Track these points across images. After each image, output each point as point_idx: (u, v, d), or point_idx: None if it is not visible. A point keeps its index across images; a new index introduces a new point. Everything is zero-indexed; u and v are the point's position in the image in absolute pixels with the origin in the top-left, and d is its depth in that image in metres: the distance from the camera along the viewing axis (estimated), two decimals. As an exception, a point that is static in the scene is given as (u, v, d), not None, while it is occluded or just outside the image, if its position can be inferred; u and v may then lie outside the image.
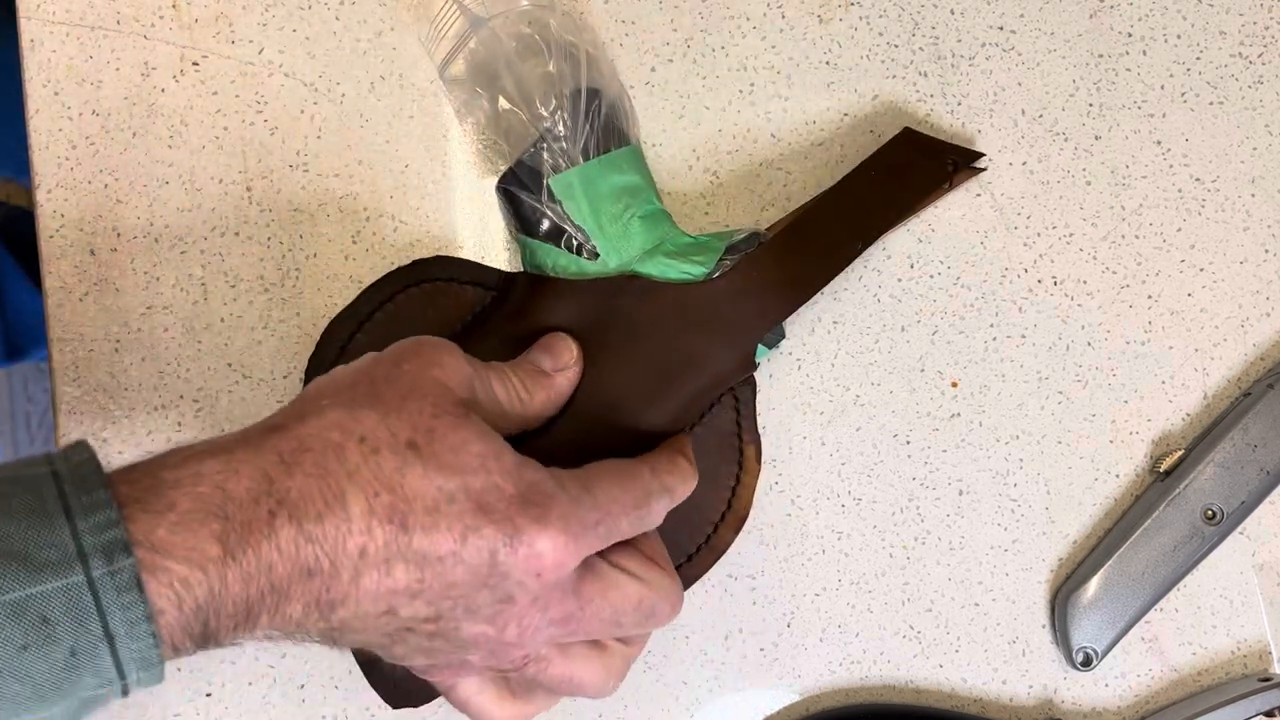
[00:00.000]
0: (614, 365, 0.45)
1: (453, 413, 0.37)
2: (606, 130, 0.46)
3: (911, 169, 0.49)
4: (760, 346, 0.47)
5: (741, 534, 0.49)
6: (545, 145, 0.45)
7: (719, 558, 0.48)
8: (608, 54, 0.49)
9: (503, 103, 0.46)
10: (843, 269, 0.48)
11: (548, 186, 0.45)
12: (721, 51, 0.51)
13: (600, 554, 0.39)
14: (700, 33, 0.51)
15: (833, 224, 0.48)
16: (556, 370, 0.43)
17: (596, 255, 0.46)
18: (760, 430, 0.48)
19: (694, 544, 0.47)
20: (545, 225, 0.45)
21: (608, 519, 0.38)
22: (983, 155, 0.50)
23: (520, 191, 0.46)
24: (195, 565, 0.33)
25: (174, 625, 0.33)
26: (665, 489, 0.41)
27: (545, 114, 0.45)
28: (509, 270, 0.49)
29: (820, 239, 0.48)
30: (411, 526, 0.35)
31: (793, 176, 0.50)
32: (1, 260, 0.96)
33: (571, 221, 0.45)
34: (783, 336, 0.48)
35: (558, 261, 0.46)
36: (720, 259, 0.46)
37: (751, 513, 0.48)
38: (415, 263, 0.48)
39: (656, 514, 0.41)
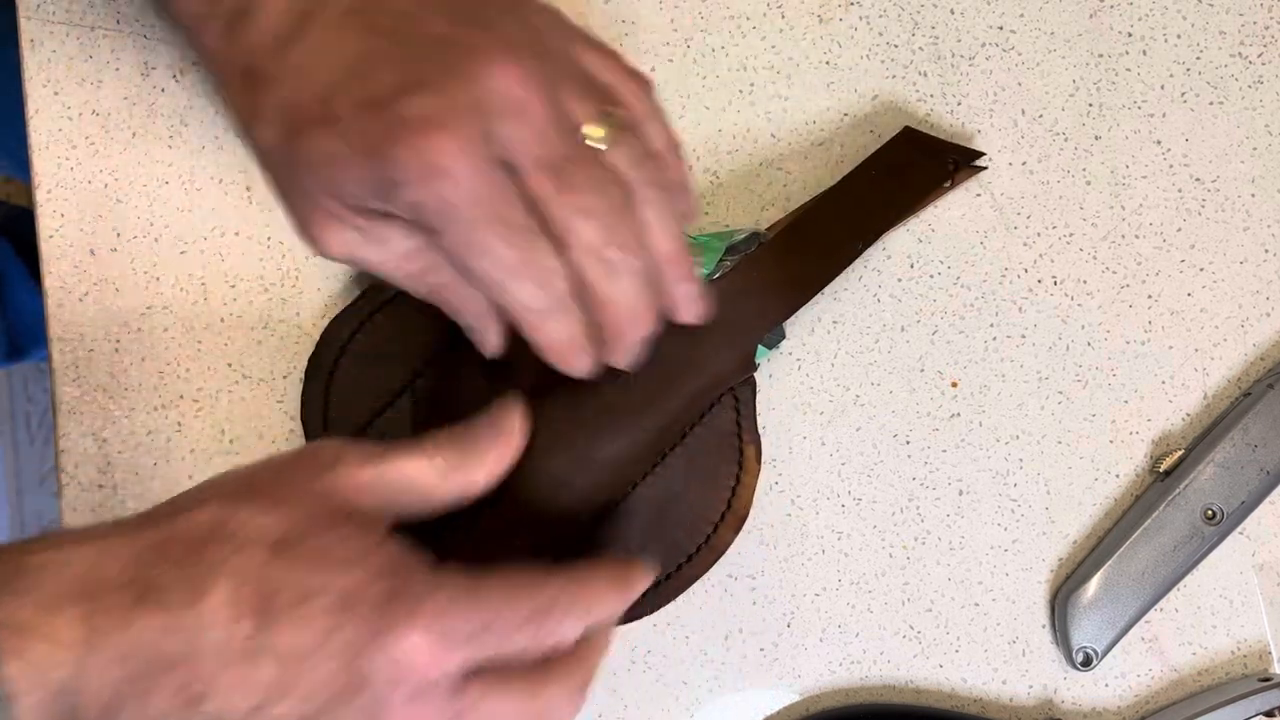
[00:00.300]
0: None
1: (330, 514, 0.37)
2: None
3: (912, 168, 0.49)
4: (760, 347, 0.47)
5: (741, 534, 0.49)
6: None
7: (719, 558, 0.48)
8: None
9: None
10: (843, 269, 0.48)
11: None
12: (721, 51, 0.51)
13: (496, 670, 0.37)
14: (700, 33, 0.51)
15: (833, 224, 0.48)
16: (493, 446, 0.41)
17: None
18: (760, 430, 0.48)
19: (694, 544, 0.47)
20: None
21: (491, 629, 0.36)
22: (983, 154, 0.50)
23: None
24: (59, 645, 0.32)
25: (38, 710, 0.32)
26: (578, 606, 0.38)
27: None
28: None
29: (820, 239, 0.48)
30: (274, 621, 0.34)
31: (793, 176, 0.50)
32: (5, 260, 0.96)
33: None
34: (783, 337, 0.48)
35: None
36: (720, 259, 0.46)
37: (751, 513, 0.48)
38: None
39: (564, 632, 0.38)
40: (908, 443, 0.50)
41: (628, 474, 0.46)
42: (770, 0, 0.51)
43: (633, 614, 0.47)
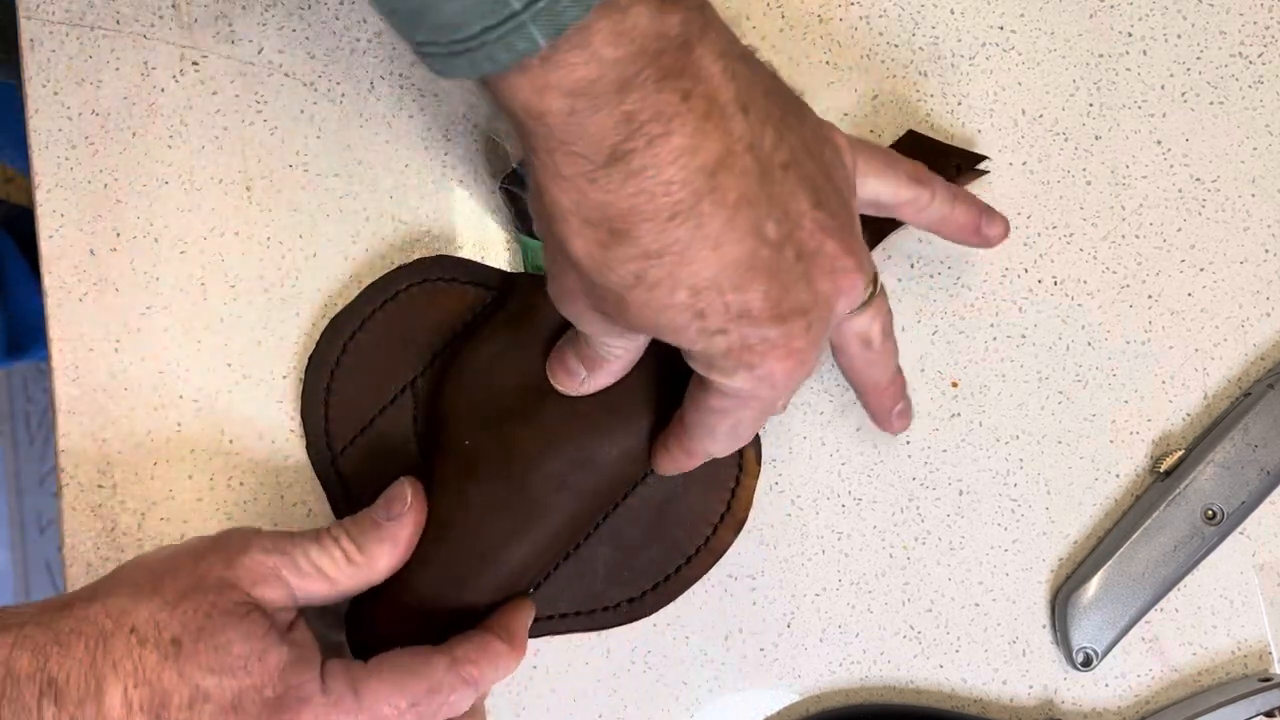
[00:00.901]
0: None
1: (229, 611, 0.39)
2: None
3: None
4: None
5: (741, 534, 0.49)
6: None
7: (718, 559, 0.48)
8: None
9: None
10: None
11: None
12: (721, 51, 0.51)
13: None
14: (700, 32, 0.50)
15: None
16: (390, 519, 0.43)
17: None
18: (760, 431, 0.48)
19: (693, 545, 0.47)
20: None
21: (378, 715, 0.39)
22: (986, 158, 0.50)
23: (523, 192, 0.46)
24: None
25: None
26: (465, 681, 0.41)
27: None
28: (510, 271, 0.49)
29: None
30: None
31: (793, 176, 0.50)
32: (9, 258, 0.96)
33: None
34: None
35: None
36: None
37: (751, 513, 0.48)
38: (416, 262, 0.48)
39: (454, 706, 0.41)
40: (908, 443, 0.50)
41: (627, 474, 0.46)
42: (770, 0, 0.51)
43: (632, 615, 0.47)
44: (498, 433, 0.44)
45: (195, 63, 0.49)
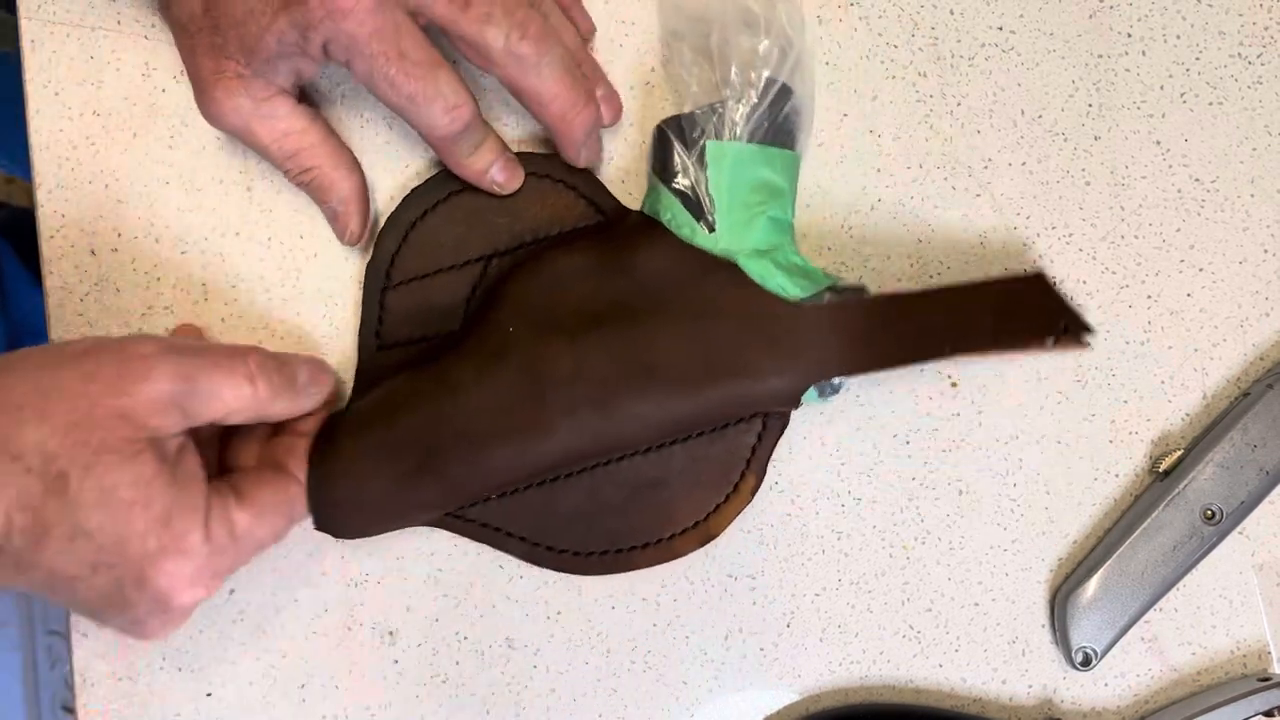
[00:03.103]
0: (673, 332, 0.45)
1: (118, 450, 0.38)
2: (780, 127, 0.46)
3: (1027, 318, 0.46)
4: (813, 390, 0.46)
5: (741, 534, 0.49)
6: (721, 110, 0.45)
7: (670, 559, 0.48)
8: (815, 65, 0.50)
9: (706, 48, 0.46)
10: (923, 361, 0.46)
11: (703, 148, 0.45)
12: (721, 52, 0.51)
13: None
14: (700, 33, 0.51)
15: (936, 319, 0.46)
16: (309, 383, 0.44)
17: (712, 230, 0.45)
18: (770, 460, 0.48)
19: (654, 535, 0.48)
20: (681, 181, 0.46)
21: (247, 554, 0.42)
22: (1092, 330, 0.46)
23: (676, 139, 0.46)
24: None
25: None
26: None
27: (736, 83, 0.45)
28: (624, 205, 0.49)
29: (918, 325, 0.46)
30: (44, 549, 0.38)
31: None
32: (7, 261, 0.96)
33: (707, 190, 0.45)
34: (836, 391, 0.47)
35: (676, 217, 0.46)
36: (821, 293, 0.46)
37: (751, 513, 0.48)
38: (552, 156, 0.48)
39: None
40: (908, 443, 0.50)
41: (633, 438, 0.46)
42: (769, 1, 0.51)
43: (566, 566, 0.48)
44: (539, 337, 0.45)
45: (196, 63, 0.49)
